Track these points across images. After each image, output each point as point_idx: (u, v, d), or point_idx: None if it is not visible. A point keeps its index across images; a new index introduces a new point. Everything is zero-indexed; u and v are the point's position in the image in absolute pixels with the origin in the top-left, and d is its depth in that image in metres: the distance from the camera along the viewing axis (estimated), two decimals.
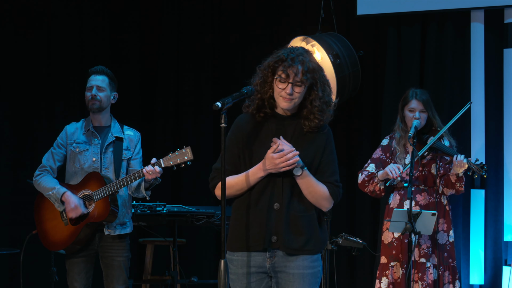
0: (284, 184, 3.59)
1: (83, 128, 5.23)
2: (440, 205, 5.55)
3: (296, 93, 3.58)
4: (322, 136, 3.65)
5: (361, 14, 6.66)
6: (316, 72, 3.61)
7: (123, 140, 5.22)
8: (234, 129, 3.69)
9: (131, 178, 4.93)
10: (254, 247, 3.59)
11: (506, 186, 6.30)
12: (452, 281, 5.50)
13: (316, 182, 3.60)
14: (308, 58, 3.61)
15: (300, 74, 3.56)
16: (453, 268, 5.52)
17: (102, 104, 5.20)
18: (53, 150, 5.25)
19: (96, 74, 5.25)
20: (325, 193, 3.61)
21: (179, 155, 4.78)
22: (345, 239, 5.55)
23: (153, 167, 4.85)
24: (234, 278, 3.64)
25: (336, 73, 6.42)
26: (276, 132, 3.63)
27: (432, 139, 5.47)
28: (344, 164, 6.80)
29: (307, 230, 3.59)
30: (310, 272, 3.62)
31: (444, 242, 5.52)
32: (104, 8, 7.38)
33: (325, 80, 3.67)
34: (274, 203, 3.58)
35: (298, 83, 3.57)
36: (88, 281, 5.20)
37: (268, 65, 3.62)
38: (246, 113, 3.71)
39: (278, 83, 3.59)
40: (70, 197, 5.06)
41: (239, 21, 7.24)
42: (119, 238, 5.17)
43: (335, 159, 3.69)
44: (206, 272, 7.10)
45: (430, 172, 5.55)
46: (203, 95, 7.31)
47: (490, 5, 6.32)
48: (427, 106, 5.56)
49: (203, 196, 6.93)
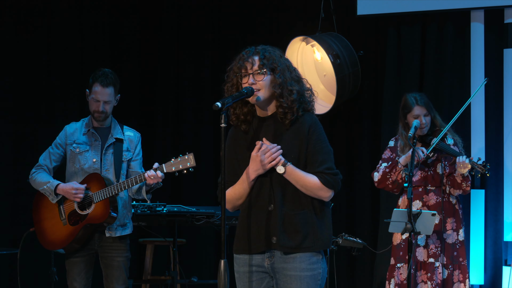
0: (274, 184, 3.57)
1: (83, 129, 5.22)
2: (449, 205, 5.56)
3: (258, 81, 3.57)
4: (302, 127, 3.59)
5: (361, 14, 6.67)
6: (275, 59, 3.60)
7: (123, 141, 5.20)
8: (228, 141, 3.69)
9: (132, 181, 4.92)
10: (255, 249, 3.59)
11: (506, 186, 6.30)
12: (463, 279, 5.51)
13: (305, 175, 3.55)
14: (266, 48, 3.62)
15: (257, 62, 3.58)
16: (463, 267, 5.53)
17: (108, 115, 5.19)
18: (50, 150, 5.24)
19: (104, 86, 5.10)
20: (316, 183, 3.54)
21: (181, 161, 4.74)
22: (345, 239, 5.55)
23: (155, 172, 4.83)
24: (237, 277, 3.66)
25: (336, 73, 6.43)
26: (261, 134, 3.63)
27: (435, 140, 5.48)
28: (344, 164, 6.81)
29: (303, 228, 3.55)
30: (308, 275, 3.57)
31: (454, 241, 5.53)
32: (104, 7, 7.38)
33: (286, 67, 3.62)
34: (269, 205, 3.58)
35: (257, 71, 3.58)
36: (88, 281, 5.19)
37: (231, 68, 3.67)
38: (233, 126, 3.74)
39: (242, 81, 3.62)
40: (65, 186, 5.05)
41: (239, 21, 7.24)
42: (119, 239, 5.17)
43: (324, 147, 3.59)
44: (206, 272, 7.10)
45: (436, 172, 5.55)
46: (203, 95, 7.30)
47: (490, 5, 6.32)
48: (429, 108, 5.59)
49: (203, 196, 6.93)
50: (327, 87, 6.66)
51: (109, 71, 5.19)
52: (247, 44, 3.76)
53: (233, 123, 3.71)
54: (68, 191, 5.04)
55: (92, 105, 5.15)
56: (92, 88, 5.14)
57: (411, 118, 5.57)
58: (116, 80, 5.18)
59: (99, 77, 5.13)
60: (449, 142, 5.59)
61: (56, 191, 5.07)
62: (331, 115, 6.66)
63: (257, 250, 3.59)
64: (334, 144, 6.70)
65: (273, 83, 3.60)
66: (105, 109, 5.13)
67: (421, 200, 5.55)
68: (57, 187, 5.07)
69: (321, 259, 3.62)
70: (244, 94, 3.60)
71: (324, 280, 3.64)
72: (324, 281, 3.66)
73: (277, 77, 3.58)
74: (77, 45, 7.32)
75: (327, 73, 6.61)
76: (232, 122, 3.71)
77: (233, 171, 3.66)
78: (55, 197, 5.09)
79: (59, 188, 5.07)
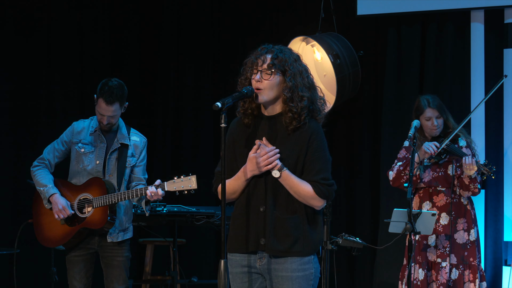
0: (268, 186, 3.56)
1: (90, 128, 5.20)
2: (460, 205, 5.59)
3: (264, 80, 3.55)
4: (305, 134, 3.56)
5: (361, 14, 6.66)
6: (288, 62, 3.56)
7: (128, 147, 5.19)
8: (227, 134, 3.67)
9: (133, 194, 4.94)
10: (244, 249, 3.59)
11: (506, 186, 6.30)
12: (473, 279, 5.52)
13: (299, 182, 3.53)
14: (282, 50, 3.59)
15: (268, 61, 3.56)
16: (473, 267, 5.54)
17: (114, 126, 5.16)
18: (55, 146, 5.23)
19: (108, 104, 5.01)
20: (309, 192, 3.52)
21: (184, 182, 4.81)
22: (345, 239, 5.55)
23: (156, 189, 4.85)
24: (231, 277, 3.65)
25: (336, 73, 6.42)
26: (262, 133, 3.62)
27: (444, 141, 5.49)
28: (344, 164, 6.81)
29: (294, 232, 3.53)
30: (300, 275, 3.55)
31: (464, 242, 5.56)
32: (104, 8, 7.37)
33: (299, 72, 3.58)
34: (260, 206, 3.57)
35: (265, 70, 3.56)
36: (88, 280, 5.19)
37: (246, 63, 3.64)
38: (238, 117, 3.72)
39: (252, 76, 3.60)
40: (58, 199, 5.06)
41: (239, 21, 7.23)
42: (119, 242, 5.17)
43: (322, 156, 3.57)
44: (206, 272, 7.10)
45: (446, 173, 5.57)
46: (203, 95, 7.30)
47: (490, 5, 6.32)
48: (441, 110, 5.61)
49: (203, 196, 6.93)
50: (327, 87, 6.65)
51: (115, 85, 5.05)
52: (247, 44, 3.77)
53: (239, 115, 3.69)
54: (56, 205, 5.04)
55: (98, 116, 5.13)
56: (97, 100, 5.08)
57: (423, 120, 5.60)
58: (122, 94, 5.05)
59: (104, 94, 5.02)
60: (461, 144, 5.60)
61: (49, 199, 5.09)
62: (331, 115, 6.66)
63: (245, 250, 3.58)
64: (334, 144, 6.73)
65: (282, 85, 3.57)
66: (110, 122, 5.09)
67: (430, 201, 5.58)
68: (52, 196, 5.08)
69: (312, 260, 3.60)
70: (244, 94, 3.59)
71: (317, 280, 3.63)
72: (317, 281, 3.64)
73: (288, 80, 3.56)
74: (77, 45, 7.32)
75: (327, 73, 6.61)
76: (238, 114, 3.69)
77: (229, 165, 3.64)
78: (49, 204, 5.11)
79: (52, 198, 5.08)
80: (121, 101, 5.07)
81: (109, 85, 5.05)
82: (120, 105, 5.08)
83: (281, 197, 3.56)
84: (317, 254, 3.66)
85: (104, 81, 5.09)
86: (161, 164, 7.26)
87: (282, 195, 3.56)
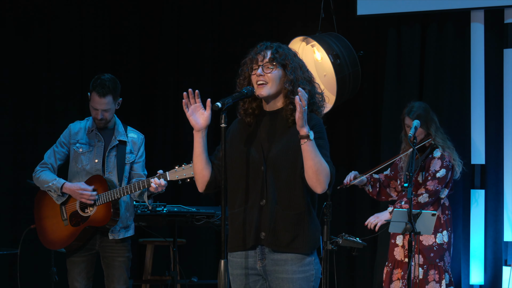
0: (268, 179, 3.55)
1: (87, 128, 5.21)
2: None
3: (266, 73, 3.57)
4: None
5: (361, 14, 6.67)
6: (288, 56, 3.61)
7: (126, 144, 5.19)
8: (227, 131, 3.68)
9: (135, 187, 4.92)
10: (244, 246, 3.57)
11: (506, 186, 6.30)
12: (439, 280, 5.58)
13: (321, 155, 3.49)
14: (281, 45, 3.64)
15: (268, 56, 3.59)
16: (440, 268, 5.59)
17: (108, 121, 5.15)
18: (55, 149, 5.23)
19: (100, 96, 5.03)
20: (327, 168, 3.48)
21: (185, 169, 4.78)
22: (345, 239, 5.55)
23: (158, 179, 4.84)
24: (231, 279, 3.65)
25: (336, 73, 6.42)
26: (262, 130, 3.62)
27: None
28: (344, 164, 6.80)
29: (295, 227, 3.52)
30: (301, 277, 3.54)
31: (430, 244, 5.58)
32: (104, 7, 7.38)
33: (299, 66, 3.63)
34: (261, 199, 3.55)
35: (267, 64, 3.58)
36: (89, 281, 5.19)
37: (245, 62, 3.67)
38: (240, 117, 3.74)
39: (252, 72, 3.62)
40: (72, 184, 5.04)
41: (239, 22, 7.24)
42: (121, 240, 5.17)
43: (325, 144, 3.56)
44: (206, 272, 7.10)
45: (416, 180, 5.67)
46: (203, 95, 7.29)
47: (490, 5, 6.32)
48: (422, 121, 5.58)
49: (203, 196, 6.93)
50: (327, 87, 6.65)
51: (107, 78, 5.08)
52: (247, 44, 3.76)
53: (240, 116, 3.70)
54: (75, 190, 5.02)
55: (92, 112, 5.14)
56: (91, 95, 5.10)
57: (405, 123, 5.72)
58: (114, 87, 5.08)
59: (96, 87, 5.05)
60: (435, 155, 5.64)
61: (62, 190, 5.06)
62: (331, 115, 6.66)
63: (247, 245, 3.56)
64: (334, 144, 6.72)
65: (283, 79, 3.60)
66: (104, 116, 5.10)
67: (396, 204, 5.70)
68: (64, 186, 5.06)
69: (313, 261, 3.59)
70: (244, 94, 3.60)
71: (318, 281, 3.62)
72: (318, 282, 3.63)
73: (288, 73, 3.59)
74: (78, 45, 7.32)
75: (327, 73, 6.61)
76: (239, 115, 3.71)
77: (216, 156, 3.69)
78: (61, 196, 5.07)
79: (65, 186, 5.06)
80: (114, 95, 5.08)
81: (102, 78, 5.09)
82: (114, 99, 5.09)
83: (282, 192, 3.55)
84: (318, 254, 3.66)
85: (96, 76, 5.13)
86: (161, 164, 7.24)
87: (283, 190, 3.55)
